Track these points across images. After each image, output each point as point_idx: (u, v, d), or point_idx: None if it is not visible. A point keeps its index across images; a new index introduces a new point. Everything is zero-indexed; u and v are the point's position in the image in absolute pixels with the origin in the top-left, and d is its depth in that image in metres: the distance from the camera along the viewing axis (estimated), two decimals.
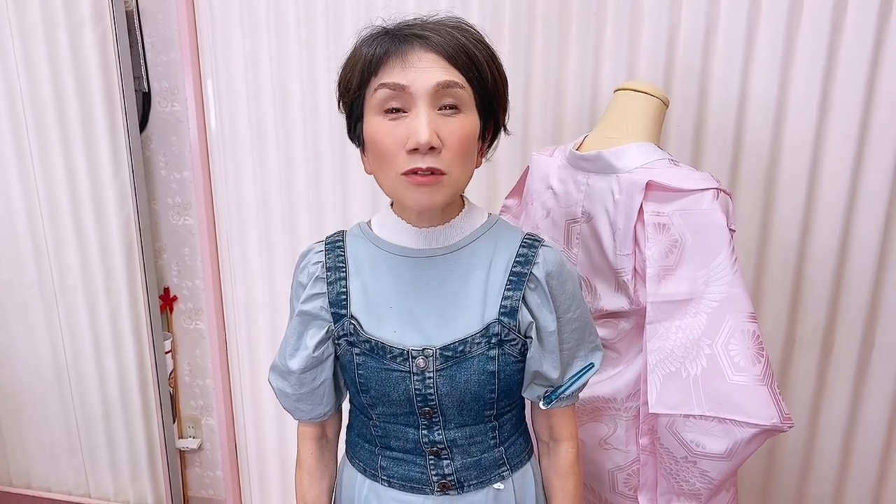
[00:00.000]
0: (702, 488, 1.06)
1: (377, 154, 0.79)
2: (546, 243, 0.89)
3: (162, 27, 1.83)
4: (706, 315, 1.03)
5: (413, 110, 0.76)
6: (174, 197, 1.97)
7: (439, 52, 0.76)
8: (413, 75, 0.75)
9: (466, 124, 0.78)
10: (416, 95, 0.75)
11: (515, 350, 0.86)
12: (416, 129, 0.74)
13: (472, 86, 0.78)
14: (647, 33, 1.48)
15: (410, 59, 0.75)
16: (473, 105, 0.79)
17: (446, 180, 0.78)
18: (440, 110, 0.77)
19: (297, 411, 0.95)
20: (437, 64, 0.76)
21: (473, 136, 0.80)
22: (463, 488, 0.90)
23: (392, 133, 0.76)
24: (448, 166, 0.77)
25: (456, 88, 0.76)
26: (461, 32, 0.79)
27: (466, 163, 0.80)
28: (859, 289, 1.51)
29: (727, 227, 1.03)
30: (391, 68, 0.76)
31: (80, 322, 1.97)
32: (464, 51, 0.77)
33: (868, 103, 1.42)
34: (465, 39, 0.78)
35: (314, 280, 0.89)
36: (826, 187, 1.48)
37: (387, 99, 0.76)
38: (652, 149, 1.13)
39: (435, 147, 0.75)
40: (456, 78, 0.76)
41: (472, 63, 0.77)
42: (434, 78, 0.75)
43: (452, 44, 0.76)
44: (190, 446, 2.15)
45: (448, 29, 0.78)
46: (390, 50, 0.76)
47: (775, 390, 0.98)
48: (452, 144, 0.77)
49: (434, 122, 0.75)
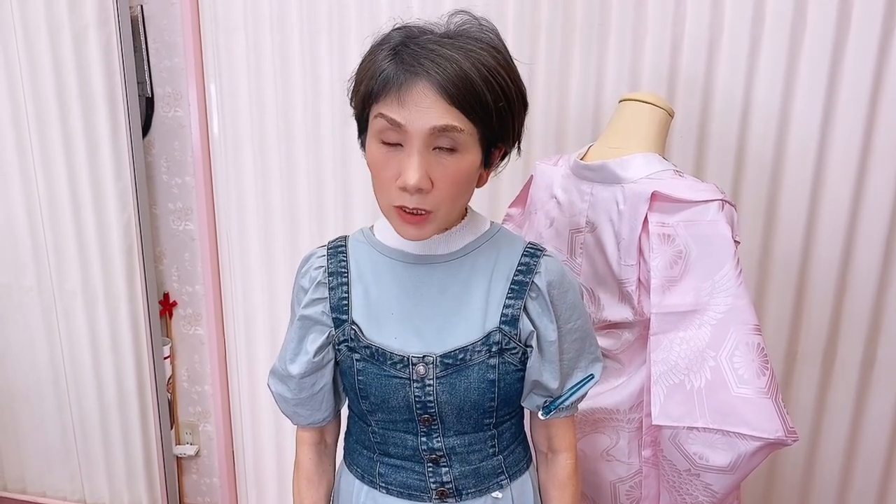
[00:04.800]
0: (705, 501, 1.05)
1: (373, 177, 0.80)
2: (548, 253, 0.89)
3: (166, 32, 1.84)
4: (710, 326, 1.02)
5: (408, 148, 0.74)
6: (175, 202, 1.97)
7: (440, 92, 0.71)
8: (411, 115, 0.72)
9: (462, 166, 0.76)
10: (411, 134, 0.73)
11: (516, 359, 0.86)
12: (406, 169, 0.74)
13: (475, 124, 0.75)
14: (651, 44, 1.48)
15: (410, 96, 0.72)
16: (475, 142, 0.76)
17: (434, 217, 0.78)
18: (435, 149, 0.75)
19: (295, 416, 0.95)
20: (437, 105, 0.72)
21: (468, 174, 0.78)
22: (461, 496, 0.90)
23: (387, 164, 0.76)
24: (436, 205, 0.77)
25: (454, 132, 0.73)
26: (474, 61, 0.73)
27: (458, 200, 0.80)
28: (862, 302, 1.51)
29: (732, 238, 1.03)
30: (390, 101, 0.73)
31: (79, 326, 1.96)
32: (470, 88, 0.72)
33: (871, 115, 1.42)
34: (475, 72, 0.72)
35: (316, 285, 0.89)
36: (829, 199, 1.47)
37: (384, 130, 0.75)
38: (657, 159, 1.13)
39: (424, 189, 0.74)
40: (455, 122, 0.73)
41: (476, 101, 0.73)
42: (431, 121, 0.72)
43: (456, 81, 0.71)
44: (187, 452, 2.13)
45: (459, 57, 0.72)
46: (392, 80, 0.73)
47: (780, 403, 0.97)
48: (443, 186, 0.76)
49: (427, 162, 0.74)
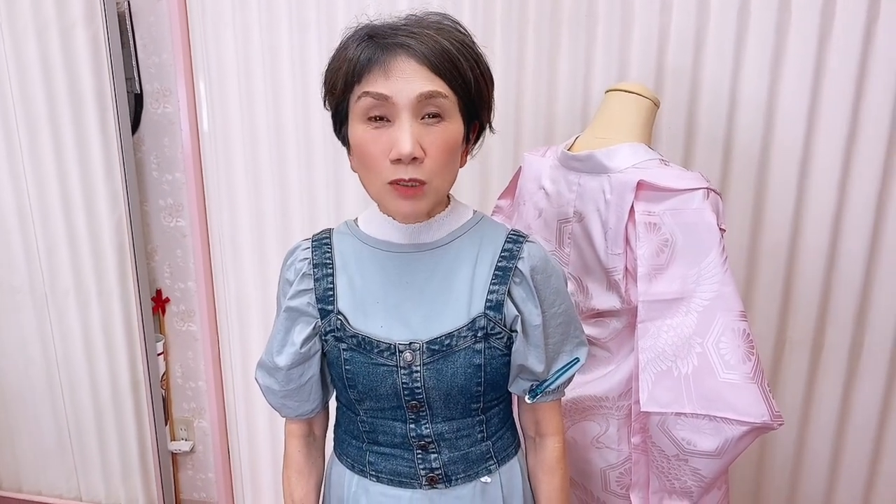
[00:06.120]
0: (693, 486, 1.06)
1: (362, 160, 0.80)
2: (530, 239, 0.90)
3: (154, 29, 1.83)
4: (697, 314, 1.03)
5: (396, 120, 0.76)
6: (166, 199, 1.97)
7: (422, 61, 0.75)
8: (396, 86, 0.75)
9: (449, 132, 0.79)
10: (399, 106, 0.76)
11: (501, 343, 0.86)
12: (399, 140, 0.75)
13: (456, 93, 0.78)
14: (638, 35, 1.49)
15: (394, 68, 0.75)
16: (457, 111, 0.80)
17: (428, 189, 0.79)
18: (423, 119, 0.77)
19: (283, 408, 0.95)
20: (420, 74, 0.75)
21: (456, 142, 0.80)
22: (450, 482, 0.90)
23: (376, 142, 0.77)
24: (430, 176, 0.78)
25: (439, 98, 0.76)
26: (446, 36, 0.78)
27: (449, 169, 0.81)
28: (849, 289, 1.52)
29: (717, 226, 1.04)
30: (374, 77, 0.76)
31: (72, 324, 1.96)
32: (448, 58, 0.76)
33: (857, 105, 1.42)
34: (449, 44, 0.77)
35: (301, 277, 0.89)
36: (816, 188, 1.48)
37: (370, 107, 0.77)
38: (643, 149, 1.14)
39: (417, 157, 0.76)
40: (439, 87, 0.76)
41: (455, 70, 0.77)
42: (417, 88, 0.75)
43: (436, 51, 0.76)
44: (182, 448, 2.14)
45: (432, 34, 0.77)
46: (374, 58, 0.76)
47: (765, 388, 0.98)
48: (435, 154, 0.78)
49: (417, 132, 0.76)
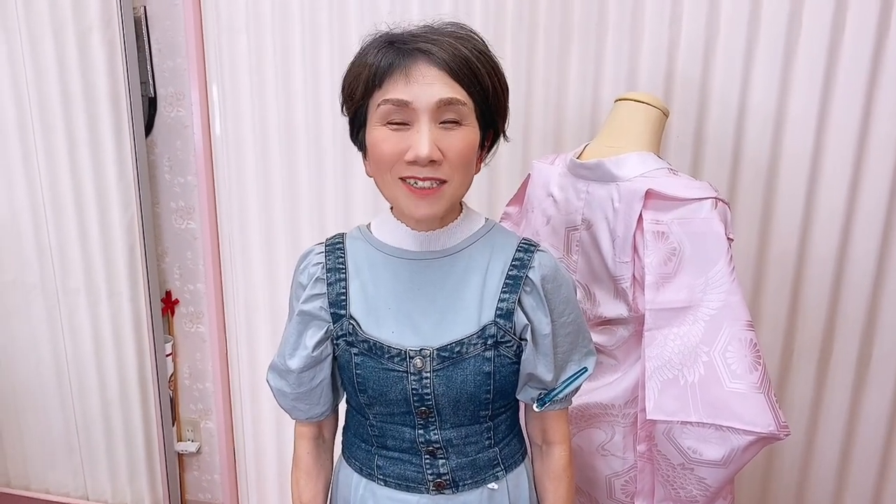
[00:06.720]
0: (699, 495, 1.06)
1: (377, 160, 0.81)
2: (541, 248, 0.90)
3: (169, 33, 1.85)
4: (704, 323, 1.04)
5: (415, 125, 0.78)
6: (177, 201, 1.98)
7: (442, 67, 0.77)
8: (416, 91, 0.77)
9: (467, 137, 0.80)
10: (418, 111, 0.77)
11: (510, 352, 0.87)
12: (417, 142, 0.77)
13: (474, 100, 0.80)
14: (648, 44, 1.49)
15: (414, 74, 0.77)
16: (474, 118, 0.81)
17: (447, 189, 0.80)
18: (441, 124, 0.78)
19: (294, 410, 0.96)
20: (440, 80, 0.77)
21: (473, 147, 0.82)
22: (458, 488, 0.91)
23: (393, 142, 0.79)
24: (449, 175, 0.80)
25: (458, 105, 0.78)
26: (465, 43, 0.80)
27: (466, 172, 0.83)
28: (857, 299, 1.51)
29: (725, 235, 1.04)
30: (395, 83, 0.78)
31: (82, 323, 1.98)
32: (467, 65, 0.78)
33: (866, 115, 1.42)
34: (468, 52, 0.79)
35: (314, 281, 0.90)
36: (824, 198, 1.48)
37: (390, 112, 0.78)
38: (651, 158, 1.14)
39: (436, 160, 0.77)
40: (458, 94, 0.78)
41: (474, 78, 0.79)
42: (437, 94, 0.77)
43: (456, 58, 0.78)
44: (189, 449, 2.15)
45: (452, 41, 0.79)
46: (394, 64, 0.78)
47: (772, 398, 0.98)
48: (453, 157, 0.79)
49: (435, 135, 0.77)
